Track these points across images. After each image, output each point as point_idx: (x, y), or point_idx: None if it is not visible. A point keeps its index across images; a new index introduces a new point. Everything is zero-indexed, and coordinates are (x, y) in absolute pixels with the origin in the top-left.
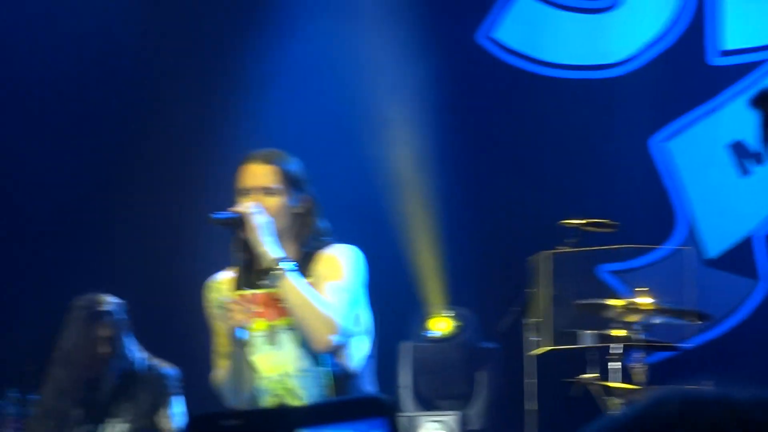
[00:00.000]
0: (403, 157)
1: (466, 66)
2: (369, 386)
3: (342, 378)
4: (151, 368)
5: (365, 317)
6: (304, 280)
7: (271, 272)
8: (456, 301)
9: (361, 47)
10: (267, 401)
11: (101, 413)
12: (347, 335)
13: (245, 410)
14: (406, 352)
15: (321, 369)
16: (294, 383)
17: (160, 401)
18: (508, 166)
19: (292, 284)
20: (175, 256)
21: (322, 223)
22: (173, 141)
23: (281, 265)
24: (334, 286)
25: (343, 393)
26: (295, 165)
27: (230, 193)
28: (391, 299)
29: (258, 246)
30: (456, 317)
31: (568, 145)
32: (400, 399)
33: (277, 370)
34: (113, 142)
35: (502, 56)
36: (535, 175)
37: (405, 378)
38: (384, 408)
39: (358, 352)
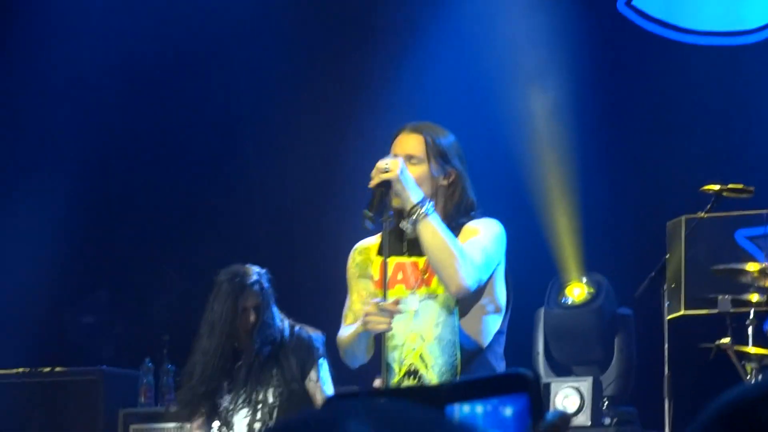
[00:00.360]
0: (542, 123)
1: (606, 33)
2: (497, 362)
3: (471, 352)
4: (297, 334)
5: (501, 295)
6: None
7: (411, 213)
8: (592, 267)
9: (507, 15)
10: (396, 368)
11: (250, 382)
12: (481, 283)
13: (392, 387)
14: (541, 319)
15: (454, 340)
16: (426, 352)
17: (307, 366)
18: (646, 131)
19: (432, 225)
20: (317, 225)
21: (467, 198)
22: (321, 116)
23: (421, 207)
24: (474, 241)
25: (471, 366)
26: (445, 139)
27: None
28: (527, 265)
29: (399, 192)
30: (592, 283)
31: (706, 111)
32: (536, 365)
33: (412, 338)
34: (260, 108)
35: (641, 23)
36: (673, 141)
37: (540, 344)
38: (528, 383)
39: (491, 328)
